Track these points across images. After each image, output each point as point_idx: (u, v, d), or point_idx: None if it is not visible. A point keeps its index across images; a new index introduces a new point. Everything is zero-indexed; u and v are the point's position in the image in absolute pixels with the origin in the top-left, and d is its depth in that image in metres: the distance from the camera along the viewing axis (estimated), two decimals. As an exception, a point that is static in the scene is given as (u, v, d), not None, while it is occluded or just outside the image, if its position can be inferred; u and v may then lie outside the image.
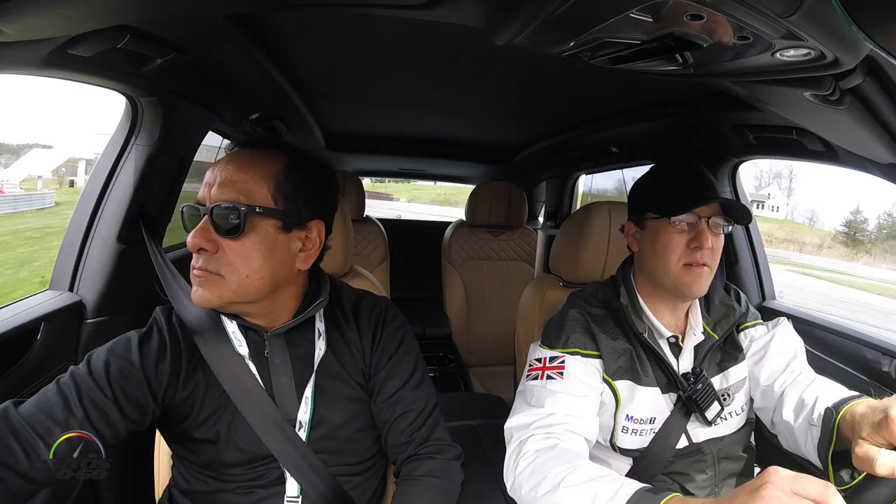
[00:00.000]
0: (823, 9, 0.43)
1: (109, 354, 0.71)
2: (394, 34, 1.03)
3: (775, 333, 0.95)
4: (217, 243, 0.69)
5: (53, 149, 12.10)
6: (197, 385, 0.75)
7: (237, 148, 0.76)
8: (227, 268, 0.69)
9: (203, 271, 0.69)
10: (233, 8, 0.83)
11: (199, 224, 0.69)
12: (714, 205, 0.87)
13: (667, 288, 0.90)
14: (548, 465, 0.71)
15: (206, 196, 0.71)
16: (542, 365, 0.88)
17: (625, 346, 0.90)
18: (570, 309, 0.95)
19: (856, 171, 1.02)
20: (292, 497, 0.77)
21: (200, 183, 0.74)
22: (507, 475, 0.77)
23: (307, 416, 0.77)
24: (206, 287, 0.70)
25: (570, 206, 2.76)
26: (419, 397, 0.82)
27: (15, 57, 0.64)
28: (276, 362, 0.78)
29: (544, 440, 0.77)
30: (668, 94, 1.29)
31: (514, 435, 0.81)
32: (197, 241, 0.68)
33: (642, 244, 0.93)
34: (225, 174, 0.71)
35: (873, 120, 0.71)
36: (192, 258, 0.71)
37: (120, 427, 0.69)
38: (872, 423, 0.55)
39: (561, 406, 0.81)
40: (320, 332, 0.81)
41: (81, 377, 0.68)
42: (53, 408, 0.65)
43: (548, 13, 0.56)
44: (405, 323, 0.88)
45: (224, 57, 1.04)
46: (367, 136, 2.45)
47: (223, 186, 0.70)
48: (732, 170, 1.44)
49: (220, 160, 0.74)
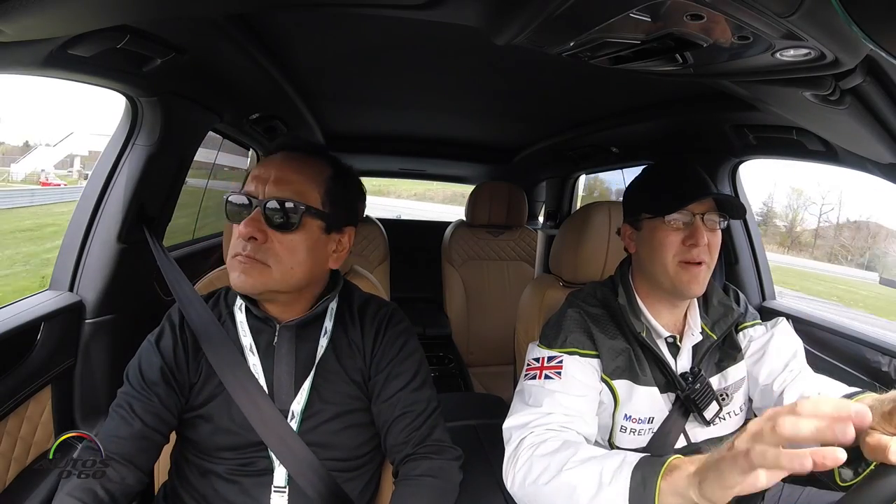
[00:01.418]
0: (823, 9, 0.43)
1: (139, 362, 0.80)
2: (394, 34, 1.03)
3: (774, 333, 0.95)
4: (266, 234, 0.74)
5: (53, 146, 12.50)
6: (202, 369, 0.81)
7: (287, 150, 0.82)
8: (274, 258, 0.75)
9: (249, 259, 0.74)
10: (233, 8, 0.83)
11: (251, 214, 0.74)
12: (708, 201, 0.87)
13: (665, 287, 0.90)
14: (548, 454, 0.71)
15: (258, 190, 0.76)
16: (541, 365, 0.88)
17: (623, 345, 0.90)
18: (568, 308, 0.94)
19: (855, 171, 1.02)
20: (279, 487, 0.78)
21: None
22: (507, 473, 0.77)
23: (300, 407, 0.79)
24: (249, 273, 0.74)
25: (570, 206, 2.76)
26: (419, 399, 0.83)
27: (15, 57, 0.64)
28: (282, 353, 0.81)
29: (542, 436, 0.77)
30: (668, 94, 1.29)
31: (514, 434, 0.81)
32: (250, 230, 0.73)
33: (639, 245, 0.93)
34: (280, 172, 0.77)
35: (873, 120, 0.71)
36: (235, 245, 0.75)
37: (171, 419, 0.78)
38: (883, 412, 0.55)
39: (559, 406, 0.81)
40: (327, 329, 0.84)
41: (127, 393, 0.78)
42: (118, 429, 0.74)
43: (548, 13, 0.56)
44: (410, 328, 0.89)
45: (224, 57, 1.04)
46: (367, 136, 2.45)
47: (279, 184, 0.76)
48: (732, 170, 1.44)
49: (272, 158, 0.80)
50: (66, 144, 12.63)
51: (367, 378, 0.84)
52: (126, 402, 0.76)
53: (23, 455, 0.91)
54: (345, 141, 2.44)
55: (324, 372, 0.81)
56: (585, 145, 1.98)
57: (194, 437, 0.80)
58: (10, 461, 0.88)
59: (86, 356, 1.05)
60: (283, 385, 0.80)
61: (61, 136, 12.94)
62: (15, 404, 0.88)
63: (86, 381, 1.06)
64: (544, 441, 0.75)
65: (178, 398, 0.79)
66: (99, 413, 1.06)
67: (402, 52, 1.15)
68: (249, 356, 0.81)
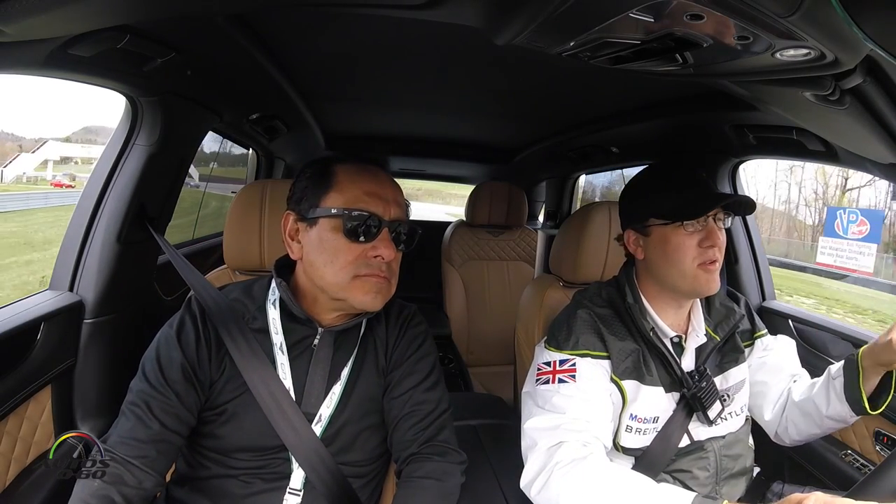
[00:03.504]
0: (823, 9, 0.43)
1: (157, 356, 0.76)
2: (394, 34, 1.02)
3: (778, 346, 1.00)
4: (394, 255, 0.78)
5: (32, 153, 15.03)
6: (225, 367, 0.78)
7: (375, 167, 0.83)
8: (394, 276, 0.80)
9: (385, 279, 0.78)
10: (233, 8, 0.83)
11: (379, 234, 0.77)
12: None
13: (683, 290, 0.89)
14: (590, 477, 0.72)
15: (385, 211, 0.78)
16: (552, 368, 0.87)
17: (632, 346, 0.90)
18: (577, 309, 0.94)
19: (855, 171, 1.02)
20: (295, 490, 0.77)
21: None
22: (534, 481, 0.77)
23: (329, 412, 0.79)
24: (384, 293, 0.78)
25: (570, 206, 2.76)
26: (430, 399, 0.83)
27: (15, 57, 0.64)
28: (321, 357, 0.81)
29: (579, 450, 0.77)
30: (668, 94, 1.29)
31: (540, 440, 0.80)
32: (392, 252, 0.77)
33: (649, 251, 0.92)
34: (395, 195, 0.80)
35: (873, 120, 0.71)
36: (363, 264, 0.76)
37: (191, 419, 0.76)
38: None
39: (580, 411, 0.81)
40: (361, 335, 0.85)
41: (143, 391, 0.74)
42: (135, 431, 0.71)
43: (548, 13, 0.56)
44: (428, 330, 0.91)
45: (224, 57, 1.04)
46: (367, 136, 2.44)
47: (399, 206, 0.80)
48: (732, 170, 1.44)
49: (376, 176, 0.81)
50: (42, 151, 15.33)
51: (385, 373, 0.85)
52: (143, 400, 0.73)
53: (23, 455, 0.91)
54: (345, 141, 2.44)
55: (353, 377, 0.82)
56: (585, 145, 1.97)
57: (211, 435, 0.77)
58: (10, 461, 0.88)
59: (86, 356, 1.05)
60: (315, 388, 0.79)
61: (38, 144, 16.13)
62: (15, 404, 0.88)
63: (86, 380, 1.05)
64: (584, 458, 0.75)
65: (199, 396, 0.76)
66: (99, 413, 1.06)
67: (402, 52, 1.15)
68: (278, 355, 0.79)
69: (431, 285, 2.63)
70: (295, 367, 0.79)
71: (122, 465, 0.69)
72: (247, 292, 0.85)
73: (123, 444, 0.70)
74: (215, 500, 0.77)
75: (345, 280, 0.75)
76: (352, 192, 0.77)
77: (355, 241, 0.75)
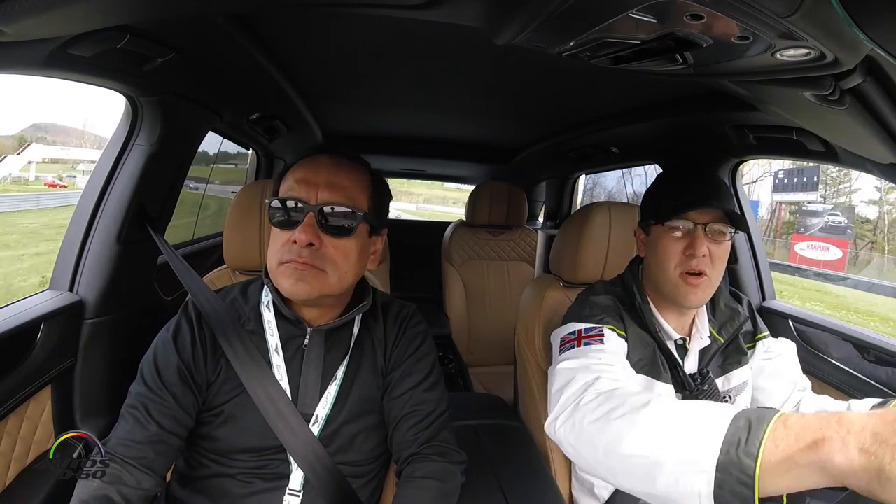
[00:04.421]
0: (823, 9, 0.42)
1: (154, 359, 0.77)
2: (394, 34, 1.03)
3: (778, 350, 0.99)
4: (321, 239, 0.74)
5: (17, 155, 16.35)
6: (221, 369, 0.78)
7: (329, 154, 0.80)
8: (330, 264, 0.74)
9: (307, 265, 0.73)
10: (232, 8, 0.83)
11: (304, 220, 0.73)
12: (713, 211, 0.85)
13: (666, 296, 0.89)
14: (626, 396, 0.65)
15: (310, 195, 0.74)
16: (577, 336, 0.85)
17: (649, 338, 0.90)
18: (596, 295, 0.93)
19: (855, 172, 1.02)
20: (294, 490, 0.77)
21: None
22: (562, 408, 0.71)
23: (325, 412, 0.79)
24: (307, 280, 0.73)
25: (570, 206, 2.76)
26: (430, 399, 0.83)
27: (15, 57, 0.64)
28: (312, 356, 0.80)
29: (614, 382, 0.71)
30: (668, 94, 1.29)
31: (577, 375, 0.74)
32: (308, 237, 0.72)
33: (647, 250, 0.93)
34: (333, 177, 0.76)
35: (873, 120, 0.71)
36: (286, 251, 0.73)
37: (189, 421, 0.76)
38: None
39: (611, 369, 0.77)
40: (355, 334, 0.84)
41: (142, 394, 0.74)
42: (133, 432, 0.72)
43: (548, 13, 0.56)
44: (427, 330, 0.90)
45: (224, 57, 1.04)
46: (367, 136, 2.45)
47: (333, 189, 0.75)
48: (732, 170, 1.44)
49: (317, 162, 0.78)
50: (26, 153, 16.68)
51: (385, 374, 0.84)
52: (141, 403, 0.74)
53: (23, 455, 0.91)
54: (345, 141, 2.44)
55: (349, 376, 0.81)
56: (585, 145, 1.97)
57: (209, 437, 0.78)
58: (10, 461, 0.88)
59: (86, 356, 1.05)
60: (310, 389, 0.79)
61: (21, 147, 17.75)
62: (15, 404, 0.88)
63: (86, 380, 1.05)
64: (619, 388, 0.69)
65: (196, 398, 0.77)
66: (99, 413, 1.06)
67: (402, 52, 1.15)
68: (274, 356, 0.79)
69: (431, 285, 2.63)
70: (290, 368, 0.80)
71: (121, 465, 0.69)
72: (243, 293, 0.86)
73: (122, 445, 0.71)
74: (215, 500, 0.77)
75: (273, 268, 0.76)
76: (287, 182, 0.77)
77: (283, 229, 0.75)
